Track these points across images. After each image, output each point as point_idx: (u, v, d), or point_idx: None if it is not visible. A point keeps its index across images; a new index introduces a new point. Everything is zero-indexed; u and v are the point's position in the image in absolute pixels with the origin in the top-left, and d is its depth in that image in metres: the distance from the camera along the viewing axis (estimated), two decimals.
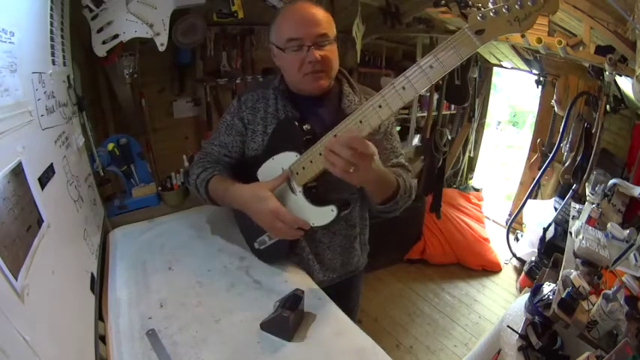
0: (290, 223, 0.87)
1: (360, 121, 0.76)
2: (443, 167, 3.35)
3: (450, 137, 3.48)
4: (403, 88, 0.71)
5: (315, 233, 1.05)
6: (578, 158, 2.30)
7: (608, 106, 2.12)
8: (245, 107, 1.01)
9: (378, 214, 1.02)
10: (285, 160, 0.92)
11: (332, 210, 0.88)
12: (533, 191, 2.83)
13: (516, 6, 0.60)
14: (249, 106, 1.01)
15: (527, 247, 2.78)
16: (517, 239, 3.07)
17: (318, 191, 0.93)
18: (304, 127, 0.91)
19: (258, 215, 0.91)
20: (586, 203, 1.88)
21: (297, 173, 0.90)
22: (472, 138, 3.72)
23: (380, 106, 0.73)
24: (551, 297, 1.32)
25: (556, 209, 2.48)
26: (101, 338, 0.81)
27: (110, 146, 1.34)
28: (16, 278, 0.50)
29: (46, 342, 0.55)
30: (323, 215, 0.90)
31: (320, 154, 0.82)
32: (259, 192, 0.90)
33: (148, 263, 1.07)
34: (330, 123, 0.96)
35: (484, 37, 0.63)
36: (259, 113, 1.01)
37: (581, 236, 1.52)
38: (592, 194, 1.91)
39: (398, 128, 3.22)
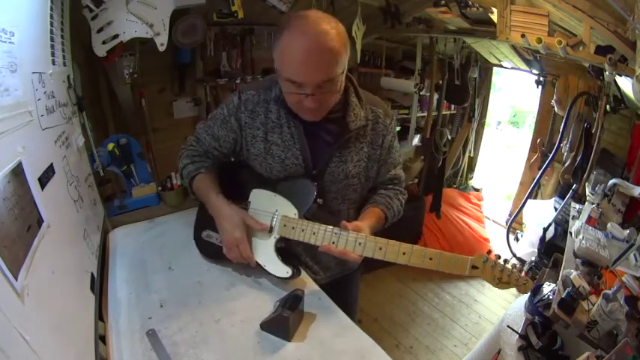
0: (244, 255, 0.95)
1: (360, 243, 0.87)
2: (443, 167, 3.35)
3: (450, 137, 3.48)
4: (406, 252, 0.85)
5: None
6: (578, 158, 2.29)
7: (608, 106, 2.12)
8: (245, 108, 0.99)
9: None
10: (283, 206, 0.97)
11: (287, 272, 0.94)
12: (533, 191, 2.83)
13: (508, 274, 0.81)
14: (249, 109, 0.99)
15: (527, 247, 2.77)
16: (517, 239, 3.06)
17: (287, 249, 0.99)
18: (318, 200, 0.97)
19: (224, 233, 0.97)
20: (586, 203, 1.87)
21: (285, 225, 0.94)
22: (472, 138, 3.72)
23: (360, 244, 0.87)
24: (551, 297, 1.32)
25: (556, 209, 2.47)
26: (101, 338, 0.81)
27: (110, 146, 1.34)
28: (16, 278, 0.50)
29: (46, 342, 0.55)
30: (278, 269, 0.95)
31: (314, 234, 0.91)
32: (236, 217, 0.96)
33: (147, 263, 1.07)
34: (333, 136, 0.98)
35: (474, 272, 0.82)
36: (259, 117, 0.99)
37: (581, 236, 1.52)
38: (592, 194, 1.91)
39: (398, 128, 3.22)
